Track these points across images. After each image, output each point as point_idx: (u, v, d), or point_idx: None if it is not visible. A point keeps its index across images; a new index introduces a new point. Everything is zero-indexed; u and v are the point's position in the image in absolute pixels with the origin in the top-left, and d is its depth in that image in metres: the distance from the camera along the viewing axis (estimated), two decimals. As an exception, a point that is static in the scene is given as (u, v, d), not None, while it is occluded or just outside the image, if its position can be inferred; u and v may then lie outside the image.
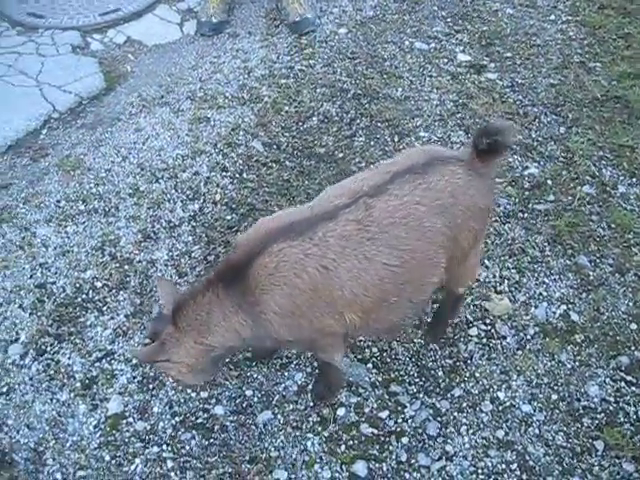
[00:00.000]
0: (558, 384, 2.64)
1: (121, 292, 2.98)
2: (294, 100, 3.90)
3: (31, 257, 3.13)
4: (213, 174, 3.49)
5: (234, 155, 3.58)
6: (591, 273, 2.99)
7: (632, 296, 2.89)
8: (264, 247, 2.07)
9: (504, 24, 4.39)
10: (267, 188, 3.39)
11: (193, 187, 3.43)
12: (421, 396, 2.62)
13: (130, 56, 4.33)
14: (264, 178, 3.44)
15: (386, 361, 2.72)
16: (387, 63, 4.12)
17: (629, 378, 2.64)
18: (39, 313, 2.92)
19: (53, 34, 4.42)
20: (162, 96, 3.98)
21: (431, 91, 3.91)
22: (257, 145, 3.63)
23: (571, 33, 4.30)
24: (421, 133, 3.65)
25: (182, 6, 4.74)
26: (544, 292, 2.93)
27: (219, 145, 3.64)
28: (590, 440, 2.48)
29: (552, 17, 4.43)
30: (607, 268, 3.00)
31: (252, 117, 3.80)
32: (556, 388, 2.63)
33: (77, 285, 3.01)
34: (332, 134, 3.67)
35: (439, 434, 2.52)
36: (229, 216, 3.27)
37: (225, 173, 3.49)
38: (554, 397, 2.60)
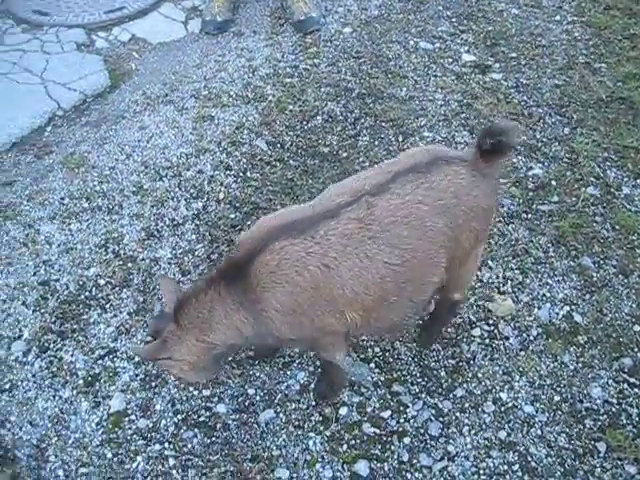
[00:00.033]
0: (561, 385, 2.63)
1: (124, 290, 2.99)
2: (298, 99, 3.90)
3: (35, 254, 3.14)
4: (217, 173, 3.49)
5: (238, 154, 3.58)
6: (595, 274, 2.98)
7: (636, 298, 2.89)
8: (266, 245, 2.07)
9: (509, 24, 4.38)
10: (271, 187, 3.39)
11: (197, 185, 3.43)
12: (423, 396, 2.62)
13: (135, 54, 4.33)
14: (268, 177, 3.44)
15: (389, 361, 2.72)
16: (392, 63, 4.12)
17: (632, 380, 2.63)
18: (42, 310, 2.92)
19: (58, 32, 4.42)
20: (166, 94, 3.99)
21: (436, 91, 3.91)
22: (261, 144, 3.63)
23: (576, 34, 4.29)
24: (425, 133, 3.64)
25: (187, 4, 4.74)
26: (547, 293, 2.93)
27: (223, 144, 3.64)
28: (592, 442, 2.48)
29: (557, 17, 4.43)
30: (611, 269, 3.00)
31: (256, 116, 3.80)
32: (559, 389, 2.62)
33: (80, 282, 3.02)
34: (336, 133, 3.67)
35: (441, 434, 2.51)
36: (233, 215, 3.27)
37: (229, 172, 3.49)
38: (557, 398, 2.60)
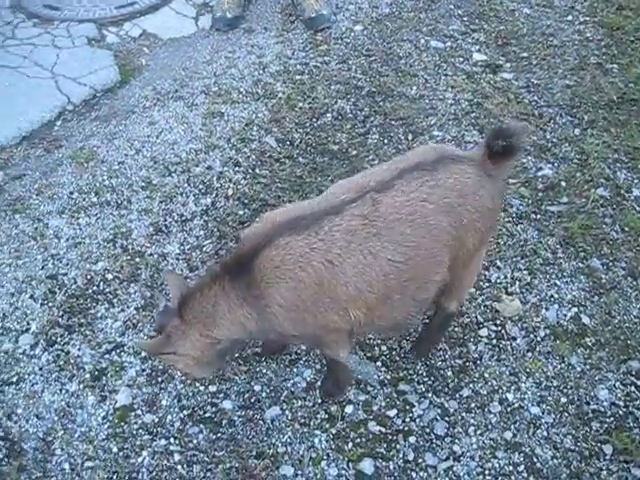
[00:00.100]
0: (568, 387, 2.62)
1: (132, 285, 2.99)
2: (308, 96, 3.89)
3: (43, 248, 3.15)
4: (226, 169, 3.49)
5: (247, 150, 3.58)
6: (603, 276, 2.97)
7: (644, 300, 2.88)
8: (270, 240, 2.07)
9: (521, 24, 4.36)
10: (280, 184, 3.39)
11: (206, 181, 3.43)
12: (429, 395, 2.61)
13: (145, 49, 4.34)
14: (277, 174, 3.44)
15: (395, 360, 2.72)
16: (402, 61, 4.11)
17: (639, 383, 2.62)
18: (50, 304, 2.93)
19: (69, 26, 4.43)
20: (176, 90, 3.99)
21: (446, 90, 3.90)
22: (270, 141, 3.63)
23: (588, 34, 4.27)
24: (435, 132, 3.64)
25: (198, 0, 4.74)
26: (555, 294, 2.92)
27: (232, 140, 3.64)
28: (599, 444, 2.47)
29: (569, 17, 4.41)
30: (619, 271, 2.98)
31: (266, 113, 3.80)
32: (565, 391, 2.61)
33: (88, 277, 3.02)
34: (346, 131, 3.66)
35: (447, 434, 2.51)
36: (241, 211, 3.27)
37: (238, 168, 3.49)
38: (563, 400, 2.59)
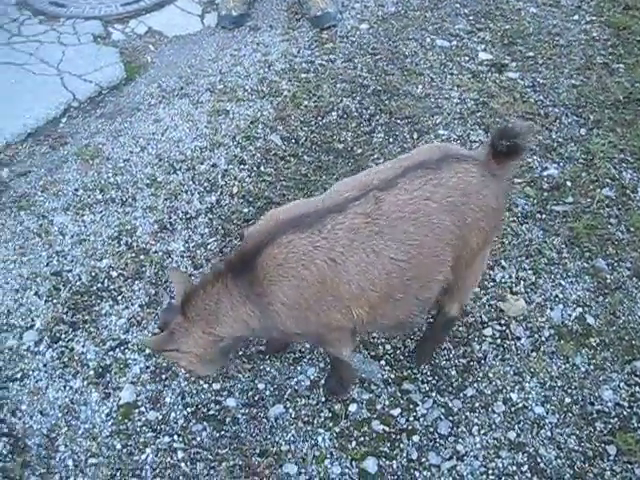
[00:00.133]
0: (572, 387, 2.62)
1: (136, 282, 2.99)
2: (314, 95, 3.89)
3: (48, 245, 3.15)
4: (231, 167, 3.49)
5: (252, 148, 3.58)
6: (608, 276, 2.97)
7: (649, 301, 2.88)
8: (273, 238, 2.07)
9: (527, 23, 4.35)
10: (284, 182, 3.39)
11: (211, 179, 3.43)
12: (433, 395, 2.61)
13: (151, 47, 4.34)
14: (282, 172, 3.44)
15: (399, 358, 2.72)
16: (408, 60, 4.10)
17: (644, 383, 2.63)
18: (54, 301, 2.93)
19: (75, 23, 4.43)
20: (182, 87, 3.99)
21: (452, 89, 3.89)
22: (275, 139, 3.62)
23: (595, 34, 4.26)
24: (440, 131, 3.63)
25: (204, -2, 4.75)
26: (560, 294, 2.91)
27: (238, 138, 3.64)
28: (602, 444, 2.46)
29: (576, 17, 4.40)
30: (625, 272, 2.98)
31: (271, 111, 3.80)
32: (570, 391, 2.61)
33: (93, 274, 3.03)
34: (351, 130, 3.66)
35: (450, 433, 2.51)
36: (246, 209, 3.27)
37: (243, 166, 3.49)
38: (567, 400, 2.59)
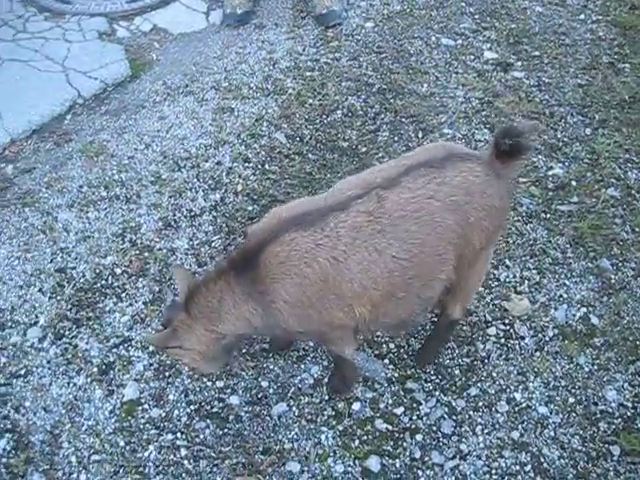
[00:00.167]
0: (575, 387, 2.62)
1: (140, 279, 2.99)
2: (319, 93, 3.89)
3: (52, 241, 3.15)
4: (235, 164, 3.49)
5: (257, 146, 3.58)
6: (613, 276, 2.96)
7: (654, 301, 2.87)
8: (276, 236, 2.07)
9: (532, 22, 4.34)
10: (289, 180, 3.39)
11: (215, 177, 3.43)
12: (437, 394, 2.61)
13: (156, 44, 4.33)
14: (286, 170, 3.44)
15: (403, 357, 2.72)
16: (413, 58, 4.09)
17: (648, 384, 2.62)
18: (58, 297, 2.94)
19: (80, 20, 4.43)
20: (187, 85, 3.99)
21: (457, 88, 3.88)
22: (280, 137, 3.62)
23: (601, 33, 4.24)
24: (445, 130, 3.62)
25: (209, -5, 4.74)
26: (564, 294, 2.90)
27: (242, 136, 3.64)
28: (606, 445, 2.46)
29: (582, 16, 4.38)
30: (629, 272, 2.97)
31: (276, 109, 3.80)
32: (573, 391, 2.61)
33: (97, 271, 3.03)
34: (356, 128, 3.66)
35: (454, 433, 2.51)
36: (250, 207, 3.27)
37: (247, 164, 3.49)
38: (571, 400, 2.58)
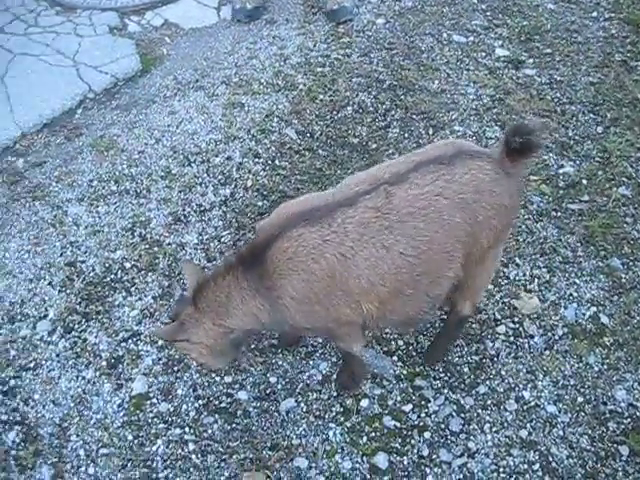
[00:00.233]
0: (585, 386, 2.61)
1: (150, 274, 3.00)
2: (329, 89, 3.88)
3: (62, 235, 3.16)
4: (245, 160, 3.49)
5: (267, 142, 3.58)
6: (623, 276, 2.94)
7: (665, 301, 2.85)
8: (283, 232, 2.07)
9: (545, 19, 4.32)
10: (299, 176, 3.38)
11: (225, 172, 3.43)
12: (445, 391, 2.60)
13: (167, 39, 4.33)
14: (296, 166, 3.44)
15: (412, 354, 2.71)
16: (424, 55, 4.08)
17: (658, 384, 2.61)
18: (68, 291, 2.94)
19: (91, 15, 4.44)
20: (197, 80, 3.99)
21: (468, 85, 3.87)
22: (291, 132, 3.62)
23: (613, 31, 4.22)
24: (456, 127, 3.61)
25: (220, -10, 4.74)
26: (574, 293, 2.89)
27: (252, 131, 3.64)
28: (615, 445, 2.45)
29: (594, 14, 4.35)
30: (640, 271, 2.96)
31: (286, 104, 3.79)
32: (582, 390, 2.60)
33: (106, 265, 3.04)
34: (366, 124, 3.65)
35: (462, 430, 2.50)
36: (260, 202, 3.27)
37: (258, 159, 3.49)
38: (580, 399, 2.57)
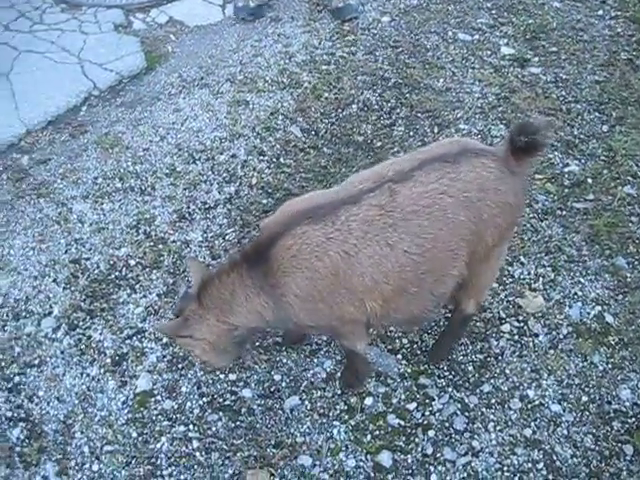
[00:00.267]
0: (589, 385, 2.60)
1: (154, 271, 3.00)
2: (334, 87, 3.87)
3: (67, 232, 3.17)
4: (250, 157, 3.48)
5: (272, 139, 3.58)
6: (628, 275, 2.94)
7: (670, 300, 2.84)
8: (287, 229, 2.07)
9: (550, 18, 4.31)
10: (304, 174, 3.38)
11: (230, 170, 3.43)
12: (450, 390, 2.60)
13: (172, 36, 4.33)
14: (301, 163, 3.43)
15: (416, 353, 2.71)
16: (429, 53, 4.08)
17: (663, 383, 2.60)
18: (73, 288, 2.95)
19: (96, 12, 4.44)
20: (202, 77, 3.99)
21: (473, 83, 3.86)
22: (295, 130, 3.62)
23: (619, 29, 4.21)
24: (461, 125, 3.61)
25: (225, -12, 4.73)
26: (579, 292, 2.89)
27: (257, 129, 3.64)
28: (619, 444, 2.45)
29: (600, 12, 4.35)
30: (645, 270, 2.96)
31: (291, 102, 3.79)
32: (587, 389, 2.59)
33: (111, 262, 3.04)
34: (371, 122, 3.65)
35: (466, 429, 2.50)
36: (265, 200, 3.27)
37: (262, 157, 3.49)
38: (584, 398, 2.57)
